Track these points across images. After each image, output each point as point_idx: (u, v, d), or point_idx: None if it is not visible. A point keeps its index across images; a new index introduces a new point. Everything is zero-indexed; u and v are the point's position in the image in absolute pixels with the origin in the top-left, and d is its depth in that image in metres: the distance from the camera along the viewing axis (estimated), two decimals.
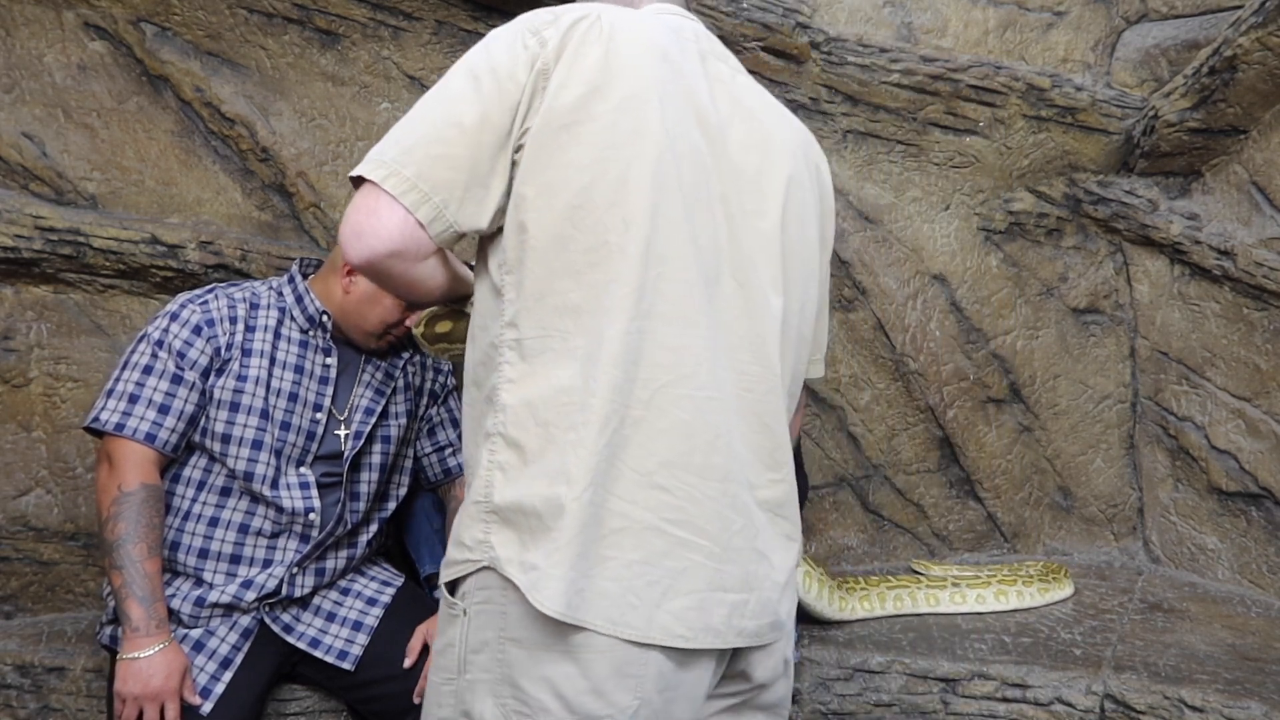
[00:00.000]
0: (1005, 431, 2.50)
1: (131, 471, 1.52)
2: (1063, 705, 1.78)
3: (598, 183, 1.01)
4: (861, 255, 2.40)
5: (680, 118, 1.06)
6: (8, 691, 1.79)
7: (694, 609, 1.02)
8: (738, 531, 1.06)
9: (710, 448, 1.04)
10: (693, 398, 1.03)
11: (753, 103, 1.17)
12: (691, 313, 1.04)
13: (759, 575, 1.08)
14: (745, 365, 1.09)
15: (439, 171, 1.00)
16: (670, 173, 1.03)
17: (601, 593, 0.99)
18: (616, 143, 1.02)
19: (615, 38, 1.04)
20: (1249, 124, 2.20)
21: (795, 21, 2.18)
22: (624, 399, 1.01)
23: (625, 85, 1.03)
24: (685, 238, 1.04)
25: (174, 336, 1.57)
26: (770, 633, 1.11)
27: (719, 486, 1.05)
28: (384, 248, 0.99)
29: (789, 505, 1.16)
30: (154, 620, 1.49)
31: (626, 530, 1.01)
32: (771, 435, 1.12)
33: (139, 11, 2.04)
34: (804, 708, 1.85)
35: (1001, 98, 2.29)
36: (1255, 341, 2.27)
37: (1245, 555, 2.31)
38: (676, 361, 1.03)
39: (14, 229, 1.93)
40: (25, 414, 2.00)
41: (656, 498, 1.01)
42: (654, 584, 1.01)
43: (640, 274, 1.02)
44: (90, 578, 2.04)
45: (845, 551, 2.48)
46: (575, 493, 0.98)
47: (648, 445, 1.02)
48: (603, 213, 1.01)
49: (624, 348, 1.01)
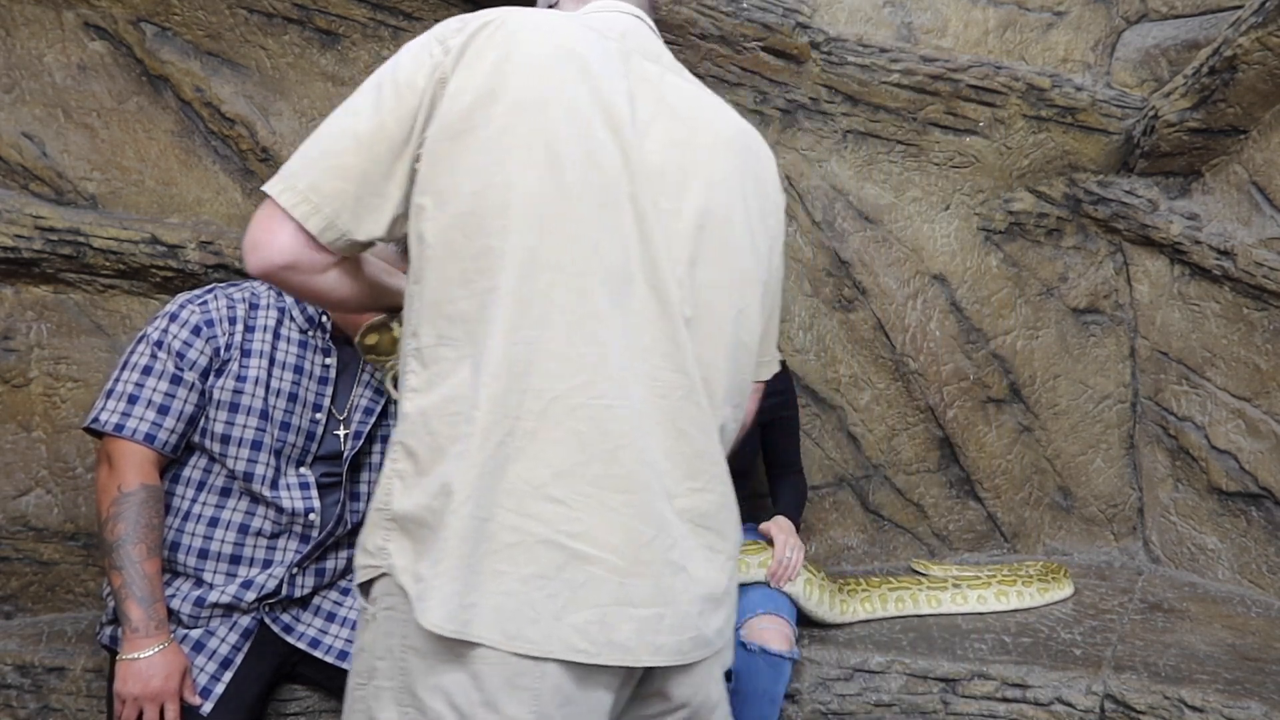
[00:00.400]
0: (1005, 431, 2.50)
1: (131, 472, 1.52)
2: (1063, 705, 1.78)
3: (486, 189, 1.00)
4: (861, 255, 2.40)
5: (583, 119, 1.03)
6: (8, 691, 1.79)
7: (596, 623, 0.99)
8: (647, 544, 1.02)
9: (610, 458, 1.01)
10: (589, 407, 1.00)
11: (680, 101, 1.14)
12: (589, 320, 1.01)
13: (675, 589, 1.04)
14: (659, 371, 1.06)
15: (331, 182, 1.01)
16: (566, 176, 1.01)
17: (496, 607, 0.97)
18: (506, 146, 1.00)
19: (515, 41, 1.03)
20: (1249, 124, 2.20)
21: (795, 21, 2.18)
22: (512, 410, 0.99)
23: (518, 89, 1.01)
24: (585, 242, 1.02)
25: (173, 337, 1.57)
26: (694, 650, 1.07)
27: (622, 497, 1.01)
28: (277, 259, 1.03)
29: (716, 516, 1.11)
30: (153, 621, 1.49)
31: (520, 544, 0.98)
32: (690, 443, 1.08)
33: (139, 11, 2.04)
34: (804, 708, 1.85)
35: (1001, 98, 2.29)
36: (1255, 341, 2.27)
37: (1245, 555, 2.31)
38: (570, 371, 1.00)
39: (14, 229, 1.93)
40: (25, 414, 2.00)
41: (551, 510, 0.99)
42: (553, 597, 0.98)
43: (524, 281, 0.99)
44: (90, 578, 2.04)
45: (845, 551, 2.48)
46: (454, 505, 0.97)
47: (541, 456, 0.99)
48: (489, 219, 0.99)
49: (508, 358, 0.99)
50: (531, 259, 1.00)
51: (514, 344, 0.99)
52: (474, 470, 0.98)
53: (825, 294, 2.41)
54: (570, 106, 1.03)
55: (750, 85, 2.26)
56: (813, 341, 2.42)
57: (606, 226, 1.03)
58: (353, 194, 1.02)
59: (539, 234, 1.00)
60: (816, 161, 2.37)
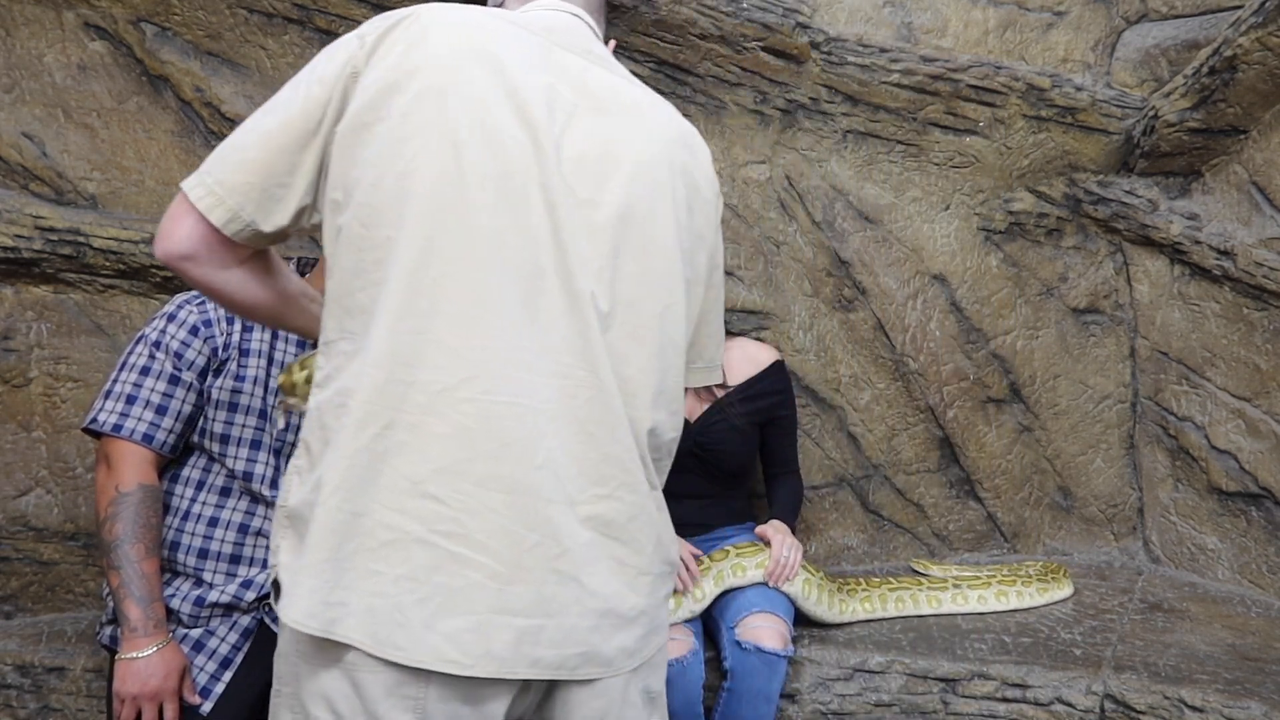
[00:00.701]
0: (1005, 431, 2.50)
1: (129, 472, 1.52)
2: (1063, 705, 1.78)
3: (383, 180, 0.98)
4: (861, 255, 2.40)
5: (488, 109, 1.01)
6: (8, 691, 1.79)
7: (471, 631, 0.94)
8: (530, 550, 0.97)
9: (494, 457, 0.97)
10: (476, 402, 0.96)
11: (607, 94, 1.11)
12: (482, 313, 0.98)
13: (561, 600, 0.99)
14: (568, 369, 1.01)
15: (236, 176, 1.02)
16: (467, 165, 0.99)
17: (367, 608, 0.93)
18: (405, 137, 0.98)
19: (426, 34, 1.02)
20: (1249, 124, 2.20)
21: (795, 21, 2.18)
22: (393, 402, 0.96)
23: (423, 80, 0.99)
24: (484, 233, 0.99)
25: (171, 337, 1.57)
26: (583, 667, 1.01)
27: (504, 499, 0.97)
28: (176, 249, 1.03)
29: (626, 526, 1.05)
30: (152, 620, 1.49)
31: (395, 543, 0.94)
32: (598, 446, 1.03)
33: (139, 11, 2.04)
34: (804, 708, 1.85)
35: (1001, 98, 2.29)
36: (1255, 341, 2.27)
37: (1245, 555, 2.31)
38: (459, 364, 0.97)
39: (14, 229, 1.93)
40: (25, 414, 2.00)
41: (428, 508, 0.95)
42: (424, 601, 0.94)
43: (415, 272, 0.97)
44: (90, 578, 2.04)
45: (845, 551, 2.48)
46: (323, 498, 0.95)
47: (423, 452, 0.95)
48: (387, 210, 0.98)
49: (391, 348, 0.96)
50: (425, 249, 0.97)
51: (398, 334, 0.96)
52: (344, 461, 0.95)
53: (825, 294, 2.41)
54: (475, 97, 1.01)
55: (750, 85, 2.27)
56: (813, 341, 2.42)
57: (510, 217, 1.00)
58: (258, 186, 1.02)
59: (434, 224, 0.98)
60: (816, 161, 2.37)
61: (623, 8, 2.10)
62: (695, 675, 1.73)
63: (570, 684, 1.03)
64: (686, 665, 1.72)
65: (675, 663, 1.71)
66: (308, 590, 0.95)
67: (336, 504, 0.95)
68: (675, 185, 1.12)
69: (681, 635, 1.78)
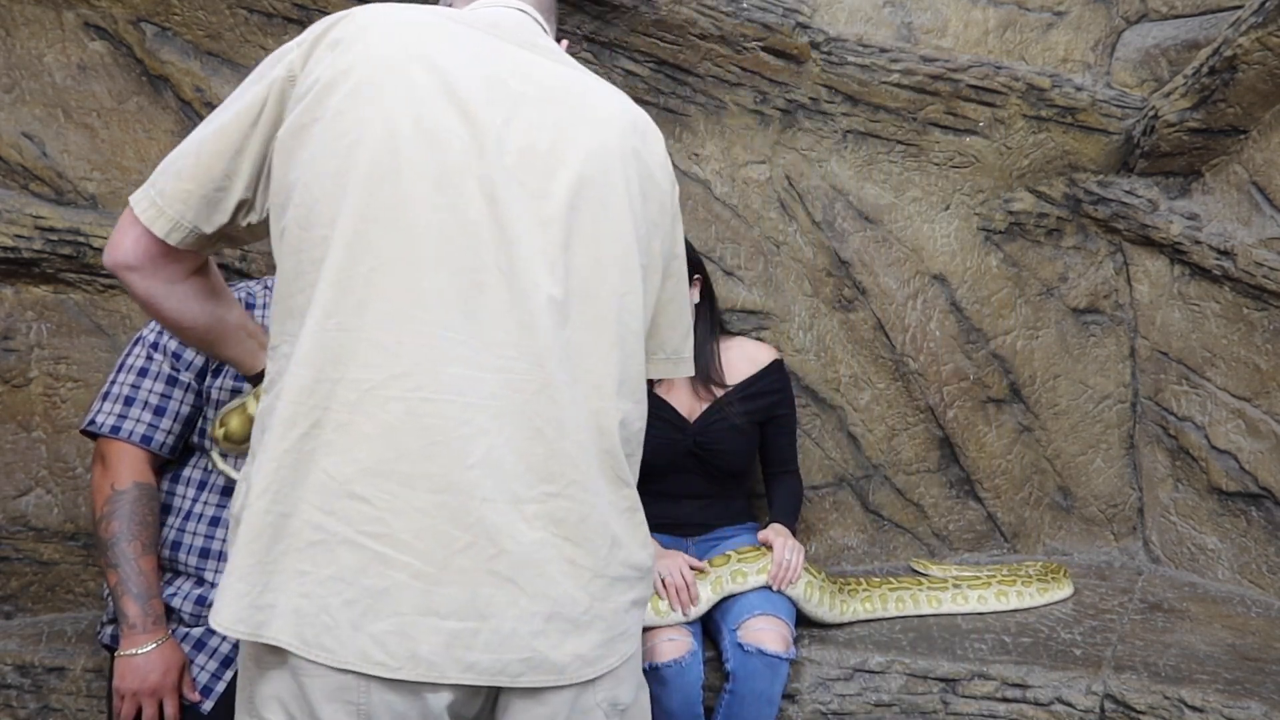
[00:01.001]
0: (1005, 431, 2.50)
1: (125, 471, 1.52)
2: (1063, 705, 1.78)
3: (319, 179, 0.97)
4: (861, 255, 2.40)
5: (424, 102, 0.99)
6: (8, 691, 1.79)
7: (395, 634, 0.93)
8: (461, 550, 0.95)
9: (424, 455, 0.94)
10: (405, 400, 0.94)
11: (555, 84, 1.09)
12: (417, 309, 0.96)
13: (497, 602, 0.95)
14: (510, 363, 0.98)
15: (176, 184, 1.03)
16: (402, 159, 0.97)
17: (294, 610, 0.92)
18: (340, 133, 0.97)
19: (362, 33, 1.01)
20: (1249, 124, 2.20)
21: (795, 21, 2.18)
22: (320, 400, 0.94)
23: (357, 77, 0.98)
24: (422, 229, 0.97)
25: (168, 338, 1.57)
26: (529, 674, 0.97)
27: (432, 498, 0.94)
28: (121, 259, 1.05)
29: (579, 526, 1.01)
30: (150, 617, 1.49)
31: (323, 543, 0.93)
32: (545, 443, 0.99)
33: (139, 11, 2.04)
34: (804, 708, 1.85)
35: (1001, 98, 2.29)
36: (1255, 341, 2.27)
37: (1245, 555, 2.31)
38: (389, 361, 0.95)
39: (14, 229, 1.93)
40: (25, 414, 2.00)
41: (355, 508, 0.93)
42: (351, 603, 0.92)
43: (345, 268, 0.95)
44: (90, 578, 2.04)
45: (845, 551, 2.48)
46: (250, 501, 0.94)
47: (350, 451, 0.94)
48: (321, 208, 0.97)
49: (320, 345, 0.95)
50: (356, 245, 0.96)
51: (326, 331, 0.95)
52: (272, 463, 0.94)
53: (825, 294, 2.41)
54: (411, 92, 0.99)
55: (750, 85, 2.27)
56: (813, 341, 2.42)
57: (449, 212, 0.98)
58: (196, 193, 1.03)
59: (367, 219, 0.96)
60: (816, 161, 2.37)
61: (623, 8, 2.10)
62: (694, 676, 1.73)
63: (514, 692, 0.99)
64: (684, 666, 1.72)
65: (673, 663, 1.71)
66: (236, 594, 0.94)
67: (264, 506, 0.94)
68: (627, 172, 1.10)
69: (679, 636, 1.78)
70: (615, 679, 1.06)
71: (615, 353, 1.06)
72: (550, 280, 1.01)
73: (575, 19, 2.15)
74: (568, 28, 2.16)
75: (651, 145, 1.16)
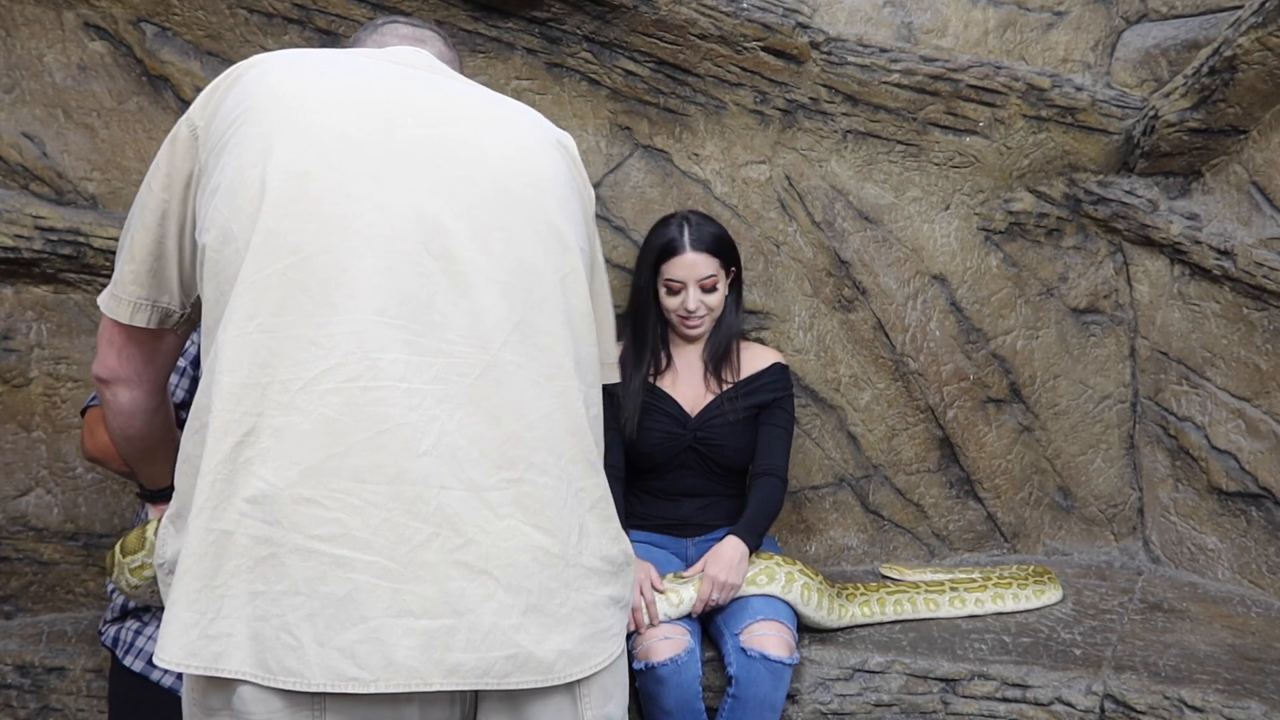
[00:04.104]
0: (1005, 431, 2.50)
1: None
2: (1063, 705, 1.78)
3: (233, 196, 0.95)
4: (861, 255, 2.40)
5: (338, 107, 0.99)
6: (8, 691, 1.79)
7: (366, 641, 0.85)
8: (424, 543, 0.88)
9: (371, 445, 0.88)
10: (342, 390, 0.89)
11: (466, 90, 1.11)
12: (342, 296, 0.91)
13: (471, 596, 0.89)
14: (452, 346, 0.94)
15: (125, 269, 1.07)
16: (315, 161, 0.95)
17: (252, 635, 0.84)
18: (250, 151, 0.96)
19: (266, 73, 1.01)
20: (1249, 124, 2.20)
21: (795, 21, 2.18)
22: (252, 406, 0.88)
23: (261, 102, 0.98)
24: (339, 217, 0.94)
25: None
26: (515, 673, 0.90)
27: (387, 489, 0.88)
28: (101, 373, 1.11)
29: (544, 511, 0.95)
30: None
31: (272, 557, 0.85)
32: (500, 425, 0.94)
33: (139, 11, 2.04)
34: (804, 708, 1.85)
35: (1001, 98, 2.29)
36: (1255, 341, 2.27)
37: (1245, 555, 2.31)
38: (319, 355, 0.89)
39: (14, 229, 1.93)
40: (25, 414, 2.01)
41: (303, 513, 0.86)
42: (312, 617, 0.85)
43: (258, 267, 0.91)
44: (90, 578, 2.04)
45: (845, 551, 2.48)
46: (189, 521, 0.87)
47: (288, 454, 0.87)
48: (235, 225, 0.94)
49: (240, 350, 0.89)
50: (267, 244, 0.91)
51: (247, 334, 0.90)
52: (208, 476, 0.87)
53: (825, 294, 2.41)
54: (320, 99, 0.99)
55: (750, 85, 2.27)
56: (813, 341, 2.42)
57: (367, 198, 0.95)
58: (142, 269, 1.05)
59: (279, 219, 0.92)
60: (816, 161, 2.37)
61: (623, 8, 2.10)
62: (691, 674, 1.73)
63: (499, 698, 0.92)
64: (681, 664, 1.72)
65: (669, 662, 1.71)
66: (183, 626, 0.85)
67: (203, 524, 0.86)
68: (554, 156, 1.10)
69: (676, 634, 1.77)
70: (604, 693, 0.99)
71: (565, 330, 1.02)
72: (487, 261, 0.98)
73: (575, 19, 2.15)
74: (568, 27, 2.16)
75: (570, 151, 1.16)
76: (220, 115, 1.00)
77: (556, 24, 2.16)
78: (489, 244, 0.99)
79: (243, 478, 0.87)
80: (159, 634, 0.87)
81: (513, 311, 0.98)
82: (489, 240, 0.99)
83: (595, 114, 2.26)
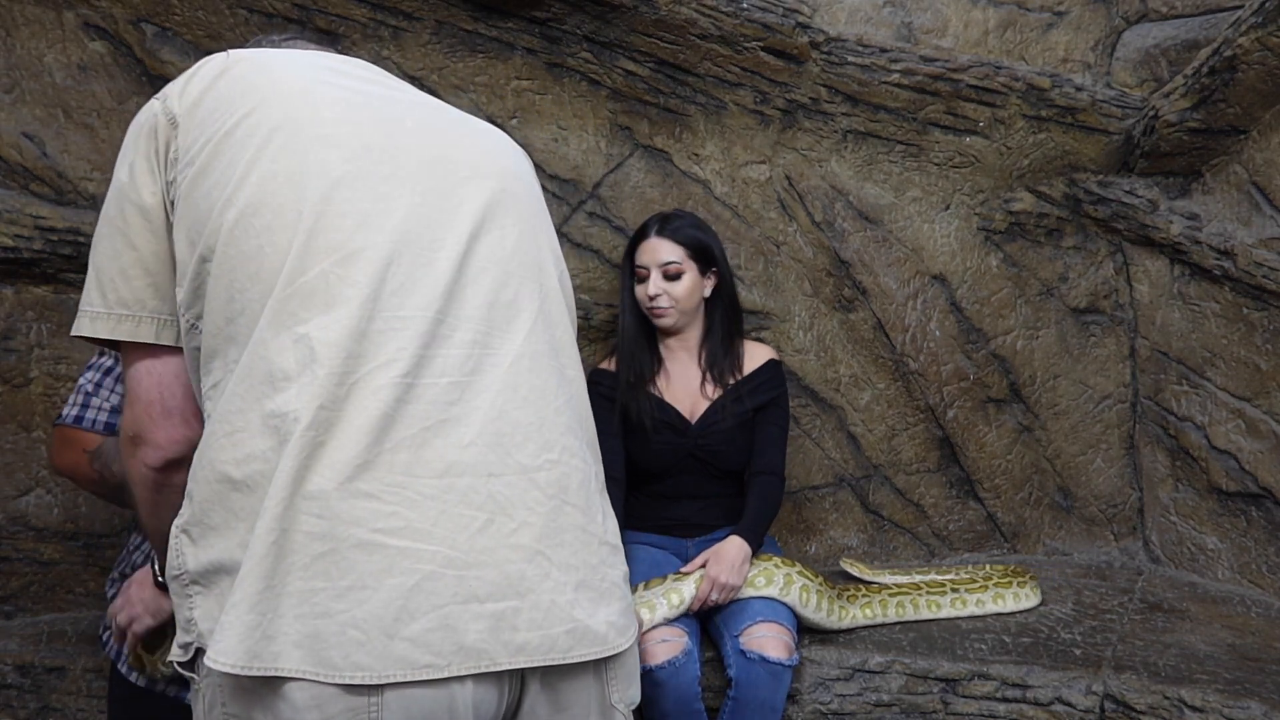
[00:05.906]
0: (1005, 431, 2.50)
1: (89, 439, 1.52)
2: (1063, 705, 1.78)
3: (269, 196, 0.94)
4: (861, 255, 2.40)
5: (344, 114, 1.01)
6: (8, 691, 1.79)
7: (438, 629, 0.88)
8: (481, 530, 0.92)
9: (418, 441, 0.91)
10: (393, 387, 0.91)
11: (437, 102, 1.15)
12: (387, 296, 0.94)
13: (530, 576, 0.93)
14: (488, 338, 0.99)
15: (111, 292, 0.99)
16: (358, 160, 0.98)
17: (313, 634, 0.85)
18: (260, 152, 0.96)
19: (261, 67, 1.02)
20: (1249, 124, 2.20)
21: (795, 21, 2.18)
22: (306, 403, 0.89)
23: (275, 92, 0.99)
24: (378, 215, 0.96)
25: None
26: (576, 646, 0.95)
27: (438, 482, 0.91)
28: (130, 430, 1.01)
29: (579, 491, 1.01)
30: None
31: (332, 553, 0.87)
32: (535, 411, 0.99)
33: (139, 11, 2.04)
34: (804, 708, 1.85)
35: (1001, 98, 2.29)
36: (1255, 341, 2.27)
37: (1245, 555, 2.31)
38: (370, 350, 0.92)
39: (14, 229, 1.93)
40: (25, 414, 2.01)
41: (364, 507, 0.88)
42: (381, 609, 0.86)
43: (304, 269, 0.93)
44: (90, 578, 2.04)
45: (845, 551, 2.48)
46: (258, 525, 0.87)
47: (342, 450, 0.89)
48: (276, 223, 0.94)
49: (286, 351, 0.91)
50: (311, 243, 0.93)
51: (299, 336, 0.91)
52: (281, 478, 0.87)
53: (825, 294, 2.41)
54: (327, 99, 1.01)
55: (750, 85, 2.27)
56: (813, 341, 2.42)
57: (399, 198, 0.98)
58: (165, 277, 1.00)
59: (316, 216, 0.94)
60: (816, 161, 2.37)
61: (623, 8, 2.10)
62: (689, 676, 1.72)
63: (547, 671, 0.96)
64: (679, 667, 1.71)
65: (667, 664, 1.70)
66: (244, 628, 0.85)
67: (265, 526, 0.86)
68: (528, 167, 1.17)
69: (674, 636, 1.76)
70: (628, 676, 1.04)
71: (568, 319, 1.10)
72: (508, 255, 1.03)
73: (575, 19, 2.15)
74: (568, 27, 2.16)
75: (531, 169, 1.21)
76: (205, 107, 0.98)
77: (556, 24, 2.16)
78: (506, 239, 1.04)
79: (304, 476, 0.89)
80: (214, 637, 0.86)
81: (533, 301, 1.04)
82: (505, 235, 1.04)
83: (595, 114, 2.26)
